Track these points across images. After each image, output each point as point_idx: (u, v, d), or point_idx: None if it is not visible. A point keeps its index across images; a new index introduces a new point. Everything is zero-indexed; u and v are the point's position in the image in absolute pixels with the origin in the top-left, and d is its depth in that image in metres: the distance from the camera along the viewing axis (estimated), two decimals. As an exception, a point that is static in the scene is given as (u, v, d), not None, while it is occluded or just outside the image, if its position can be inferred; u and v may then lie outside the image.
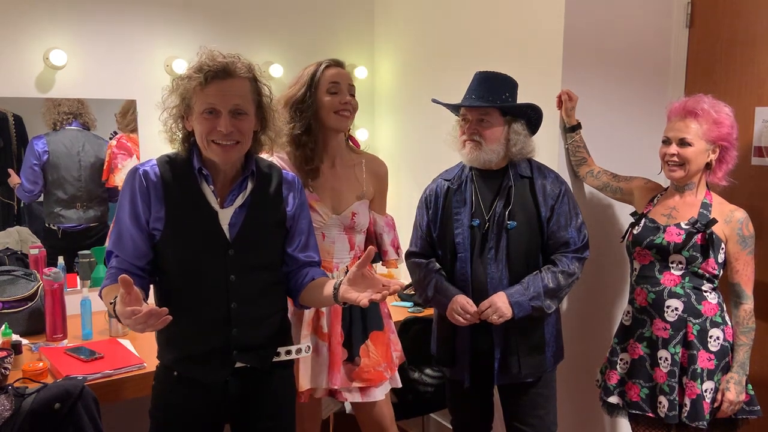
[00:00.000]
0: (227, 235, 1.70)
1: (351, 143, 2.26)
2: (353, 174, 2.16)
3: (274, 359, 1.79)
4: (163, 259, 1.71)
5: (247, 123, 1.68)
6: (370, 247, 1.61)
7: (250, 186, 1.75)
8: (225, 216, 1.71)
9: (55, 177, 2.81)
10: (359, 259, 2.10)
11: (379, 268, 2.46)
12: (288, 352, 1.79)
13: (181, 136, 1.72)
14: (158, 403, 1.80)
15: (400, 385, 2.23)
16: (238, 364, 1.74)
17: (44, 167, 2.79)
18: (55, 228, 2.84)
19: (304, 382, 2.05)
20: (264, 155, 1.93)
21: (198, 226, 1.69)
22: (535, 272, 2.15)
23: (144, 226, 1.69)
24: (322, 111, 2.07)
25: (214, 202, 1.70)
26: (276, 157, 2.08)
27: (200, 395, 1.74)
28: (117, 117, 2.91)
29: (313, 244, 1.88)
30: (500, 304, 2.08)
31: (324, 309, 2.06)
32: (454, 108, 2.28)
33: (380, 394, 2.14)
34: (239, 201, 1.73)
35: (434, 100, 2.32)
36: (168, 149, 1.78)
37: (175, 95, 1.68)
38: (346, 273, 2.05)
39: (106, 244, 2.00)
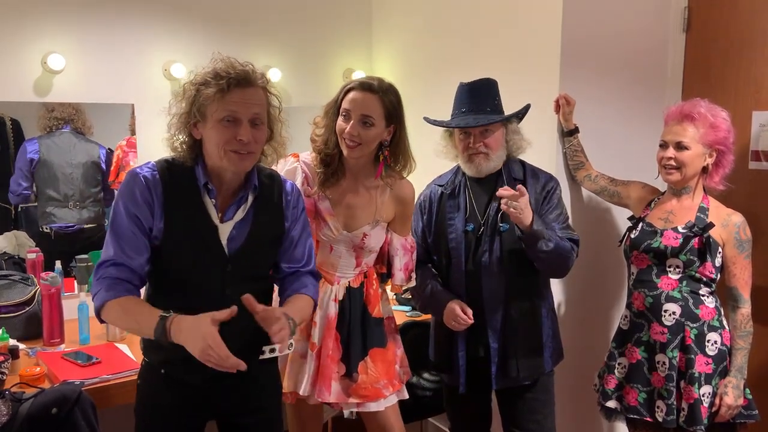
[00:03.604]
0: (226, 250, 1.69)
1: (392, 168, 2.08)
2: (373, 196, 2.08)
3: (260, 357, 1.75)
4: (158, 269, 1.69)
5: (263, 133, 1.68)
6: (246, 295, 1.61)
7: (250, 199, 1.73)
8: (224, 230, 1.69)
9: (46, 175, 2.79)
10: (365, 275, 2.11)
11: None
12: (272, 350, 1.75)
13: (187, 144, 1.67)
14: (144, 401, 1.78)
15: (407, 396, 2.20)
16: None
17: (35, 168, 2.78)
18: (48, 230, 2.82)
19: (287, 384, 2.05)
20: (288, 158, 2.01)
21: (197, 240, 1.67)
22: None
23: (147, 233, 1.64)
24: (338, 134, 2.01)
25: (215, 217, 1.68)
26: (302, 161, 2.06)
27: (186, 393, 1.73)
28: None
29: (300, 252, 1.85)
30: (524, 201, 1.99)
31: (317, 320, 2.04)
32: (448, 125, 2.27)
33: (377, 405, 2.10)
34: (239, 215, 1.71)
35: (428, 119, 2.29)
36: (166, 153, 1.75)
37: (185, 101, 1.64)
38: (347, 288, 2.06)
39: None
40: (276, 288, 1.91)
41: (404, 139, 2.04)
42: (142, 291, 1.72)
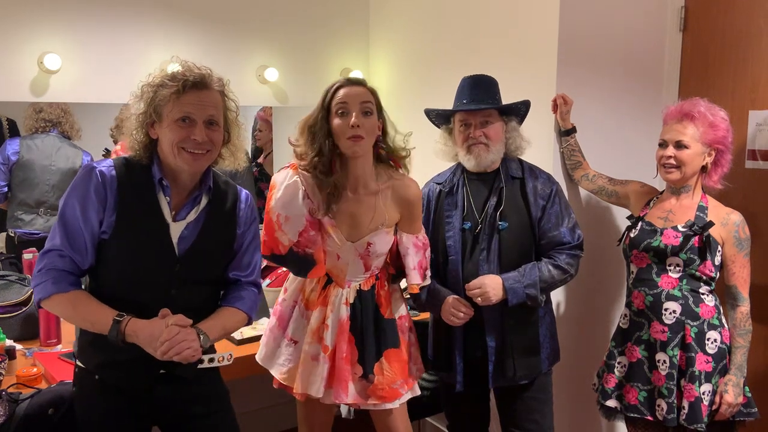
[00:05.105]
0: (176, 249, 1.69)
1: (391, 163, 2.06)
2: (376, 202, 2.02)
3: (199, 366, 1.74)
4: (104, 265, 1.67)
5: (219, 134, 1.70)
6: (163, 310, 1.64)
7: (204, 201, 1.74)
8: (176, 230, 1.70)
9: (22, 179, 2.74)
10: (376, 278, 2.09)
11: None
12: (211, 360, 1.75)
13: (144, 143, 1.69)
14: (81, 409, 1.76)
15: (419, 393, 2.19)
16: (162, 370, 1.72)
17: (12, 169, 2.73)
18: (13, 234, 2.76)
19: (299, 386, 2.03)
20: (287, 170, 1.98)
21: (148, 237, 1.67)
22: (532, 263, 2.16)
23: (96, 229, 1.64)
24: (335, 136, 1.94)
25: (167, 215, 1.69)
26: (301, 172, 2.01)
27: (124, 400, 1.72)
28: (113, 131, 2.87)
29: (246, 262, 1.85)
30: (489, 289, 2.09)
31: (329, 322, 2.03)
32: (446, 117, 2.27)
33: (392, 405, 2.09)
34: (192, 216, 1.72)
35: (429, 110, 2.30)
36: None
37: (143, 101, 1.66)
38: (358, 290, 2.05)
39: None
40: None
41: (391, 133, 2.04)
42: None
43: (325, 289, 2.06)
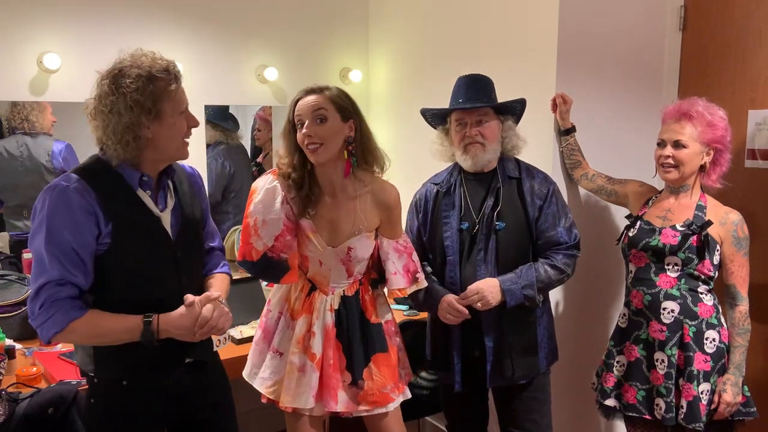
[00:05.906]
0: (172, 238, 1.72)
1: (365, 167, 2.03)
2: (354, 207, 2.01)
3: (214, 348, 1.81)
4: (110, 275, 1.64)
5: None
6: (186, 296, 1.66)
7: (171, 185, 1.77)
8: (166, 219, 1.72)
9: (2, 185, 2.72)
10: (360, 283, 2.08)
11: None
12: (219, 341, 1.82)
13: (138, 144, 1.61)
14: (105, 419, 1.73)
15: (410, 396, 2.17)
16: (189, 359, 1.75)
17: None
18: (8, 235, 2.75)
19: (286, 400, 2.00)
20: (268, 175, 2.01)
21: (146, 234, 1.68)
22: (528, 264, 2.17)
23: (93, 247, 1.60)
24: (301, 147, 1.95)
25: (154, 208, 1.70)
26: (280, 177, 2.01)
27: (153, 399, 1.71)
28: None
29: (211, 228, 1.94)
30: (487, 293, 2.09)
31: (315, 329, 2.01)
32: (442, 117, 2.27)
33: (386, 409, 2.07)
34: (171, 202, 1.74)
35: (425, 109, 2.30)
36: None
37: (126, 104, 1.59)
38: (342, 296, 2.04)
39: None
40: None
41: (368, 134, 2.02)
42: None
43: (310, 296, 2.04)
